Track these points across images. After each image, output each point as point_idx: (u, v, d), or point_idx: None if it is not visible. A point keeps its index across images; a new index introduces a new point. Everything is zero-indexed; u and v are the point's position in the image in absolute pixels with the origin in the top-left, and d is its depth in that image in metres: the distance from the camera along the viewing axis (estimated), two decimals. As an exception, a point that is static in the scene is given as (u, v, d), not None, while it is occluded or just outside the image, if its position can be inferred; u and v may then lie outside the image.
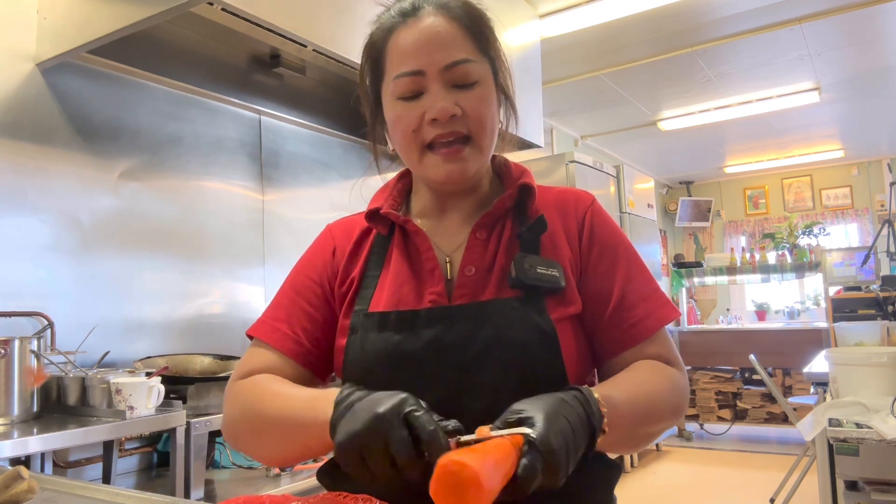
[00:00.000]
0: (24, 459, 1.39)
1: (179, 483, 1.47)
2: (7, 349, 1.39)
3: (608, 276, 0.85)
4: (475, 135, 0.82)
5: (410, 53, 0.81)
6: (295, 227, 2.36)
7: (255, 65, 2.14)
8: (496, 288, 0.81)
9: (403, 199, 0.94)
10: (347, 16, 1.72)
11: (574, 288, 0.83)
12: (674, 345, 0.87)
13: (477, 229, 0.85)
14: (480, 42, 0.84)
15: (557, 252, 0.84)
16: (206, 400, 1.58)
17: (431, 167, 0.83)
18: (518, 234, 0.85)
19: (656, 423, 0.80)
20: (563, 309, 0.80)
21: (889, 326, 2.67)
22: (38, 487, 0.75)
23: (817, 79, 4.54)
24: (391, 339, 0.79)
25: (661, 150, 6.45)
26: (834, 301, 4.73)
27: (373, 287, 0.86)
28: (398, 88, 0.82)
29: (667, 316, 0.85)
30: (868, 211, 7.07)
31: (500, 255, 0.83)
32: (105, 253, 1.76)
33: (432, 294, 0.81)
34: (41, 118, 1.66)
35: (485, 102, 0.82)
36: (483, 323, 0.78)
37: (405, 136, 0.83)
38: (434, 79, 0.80)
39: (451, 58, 0.80)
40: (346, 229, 0.95)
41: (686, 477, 4.30)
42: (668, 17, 3.45)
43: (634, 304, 0.84)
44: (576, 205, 0.89)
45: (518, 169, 0.92)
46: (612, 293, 0.84)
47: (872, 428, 1.55)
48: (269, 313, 0.91)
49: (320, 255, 0.93)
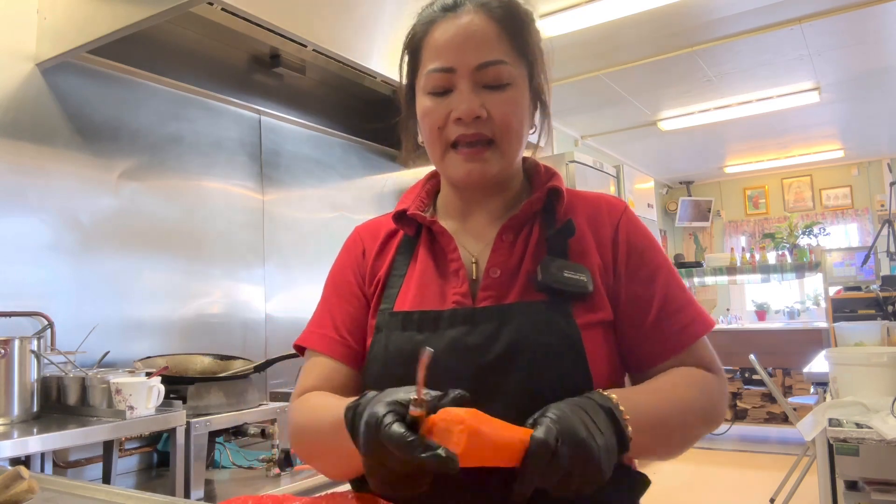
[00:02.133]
0: (24, 459, 1.39)
1: (179, 483, 1.47)
2: (7, 349, 1.39)
3: (648, 283, 0.83)
4: (499, 139, 0.81)
5: (444, 50, 0.81)
6: (295, 227, 2.36)
7: (255, 65, 2.14)
8: (521, 291, 0.80)
9: (431, 199, 0.94)
10: (347, 16, 1.72)
11: (602, 294, 0.81)
12: (714, 352, 0.85)
13: (503, 232, 0.84)
14: (518, 43, 0.83)
15: (586, 257, 0.83)
16: (206, 400, 1.58)
17: (452, 166, 0.83)
18: (546, 237, 0.84)
19: (685, 428, 0.78)
20: (590, 314, 0.79)
21: (889, 326, 2.67)
22: (38, 487, 0.75)
23: (817, 79, 4.54)
24: (414, 339, 0.79)
25: (661, 150, 6.45)
26: (834, 301, 4.73)
27: (398, 287, 0.86)
28: (429, 83, 0.82)
29: (708, 324, 0.84)
30: (868, 211, 7.07)
31: (526, 258, 0.83)
32: (105, 253, 1.76)
33: (456, 295, 0.81)
34: (41, 118, 1.66)
35: (513, 105, 0.82)
36: (506, 325, 0.77)
37: (431, 133, 0.83)
38: (464, 77, 0.80)
39: (483, 58, 0.80)
40: (372, 231, 0.95)
41: (686, 477, 4.30)
42: (668, 17, 3.45)
43: (676, 312, 0.82)
44: (609, 211, 0.88)
45: (548, 172, 0.91)
46: (654, 300, 0.82)
47: (872, 428, 1.55)
48: (314, 322, 0.92)
49: (352, 257, 0.94)
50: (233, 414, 1.61)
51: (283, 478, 1.62)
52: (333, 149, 2.54)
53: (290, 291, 2.31)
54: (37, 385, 1.45)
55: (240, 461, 1.76)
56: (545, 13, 3.24)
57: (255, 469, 1.72)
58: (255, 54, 2.11)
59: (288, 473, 1.64)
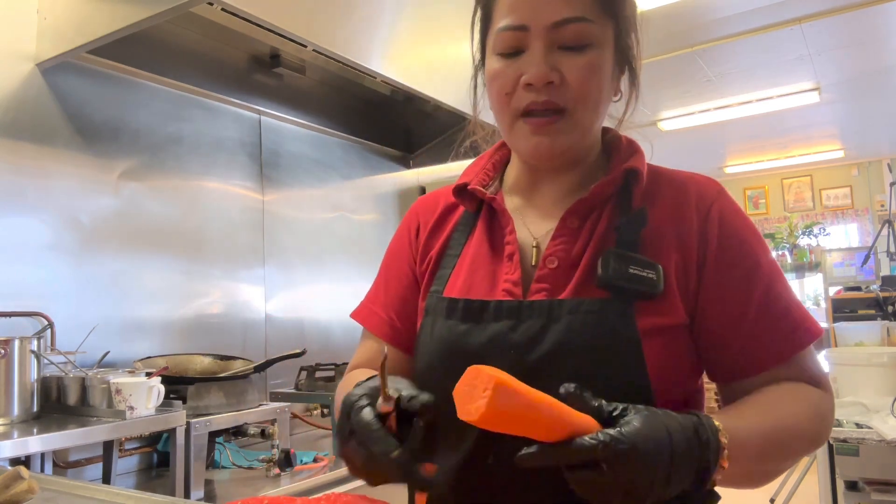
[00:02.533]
0: (24, 459, 1.39)
1: (179, 483, 1.47)
2: (7, 349, 1.39)
3: (745, 281, 0.72)
4: (572, 108, 0.72)
5: (518, 5, 0.71)
6: (295, 227, 2.36)
7: (255, 65, 2.14)
8: (578, 286, 0.71)
9: (499, 171, 0.86)
10: (347, 16, 1.72)
11: (676, 295, 0.70)
12: (820, 363, 0.75)
13: (568, 216, 0.75)
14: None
15: (661, 251, 0.72)
16: (206, 400, 1.58)
17: (520, 137, 0.74)
18: (615, 226, 0.73)
19: (789, 459, 0.69)
20: (655, 318, 0.69)
21: (889, 326, 2.67)
22: (38, 487, 0.75)
23: (817, 79, 4.54)
24: (456, 329, 0.73)
25: (661, 150, 6.43)
26: (834, 301, 4.73)
27: (451, 267, 0.80)
28: (499, 43, 0.73)
29: (815, 330, 0.72)
30: (868, 211, 7.07)
31: (590, 248, 0.73)
32: (105, 253, 1.76)
33: (507, 282, 0.74)
34: (41, 118, 1.66)
35: (593, 70, 0.71)
36: (554, 323, 0.68)
37: (499, 99, 0.75)
38: (538, 36, 0.70)
39: (560, 14, 0.69)
40: (430, 204, 0.89)
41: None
42: (668, 17, 3.45)
43: (780, 316, 0.71)
44: (699, 196, 0.75)
45: (630, 147, 0.80)
46: (752, 301, 0.71)
47: (872, 428, 1.55)
48: (369, 296, 0.91)
49: (406, 233, 0.89)
50: (233, 414, 1.61)
51: (283, 478, 1.62)
52: (333, 149, 2.54)
53: (290, 291, 2.31)
54: (37, 385, 1.45)
55: (240, 461, 1.76)
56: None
57: (255, 469, 1.72)
58: (255, 54, 2.10)
59: (288, 473, 1.64)
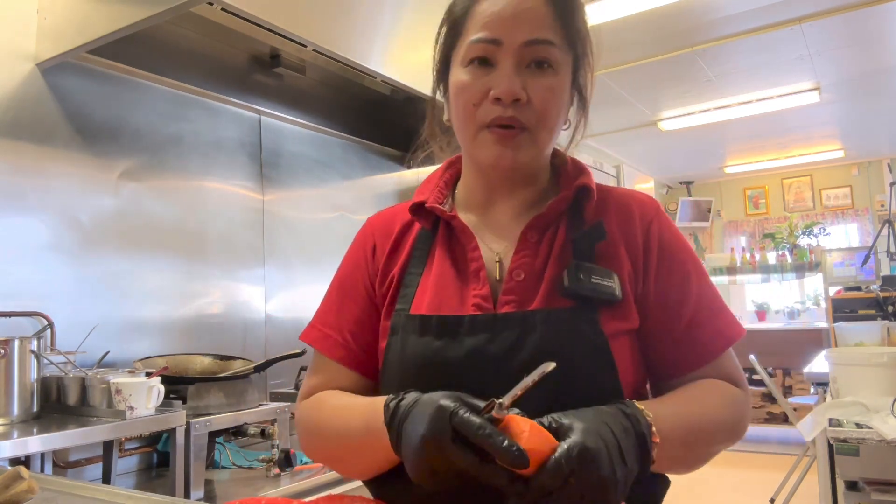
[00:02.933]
0: (24, 459, 1.39)
1: (179, 483, 1.47)
2: (7, 349, 1.38)
3: (680, 289, 0.79)
4: (533, 127, 0.77)
5: (493, 20, 0.76)
6: (295, 227, 2.36)
7: (255, 65, 2.14)
8: (546, 297, 0.75)
9: (450, 190, 0.89)
10: (347, 16, 1.72)
11: (630, 301, 0.77)
12: (739, 364, 0.82)
13: (528, 231, 0.80)
14: (569, 29, 0.79)
15: (615, 261, 0.78)
16: (206, 400, 1.58)
17: (483, 146, 0.78)
18: (572, 239, 0.79)
19: (711, 444, 0.75)
20: (618, 323, 0.75)
21: (889, 326, 2.67)
22: (38, 487, 0.75)
23: (817, 79, 4.54)
24: (431, 345, 0.75)
25: (661, 150, 6.44)
26: (834, 301, 4.73)
27: (415, 286, 0.82)
28: (470, 52, 0.77)
29: (737, 334, 0.80)
30: (868, 211, 7.07)
31: (551, 260, 0.78)
32: (105, 253, 1.76)
33: (476, 297, 0.77)
34: (41, 118, 1.66)
35: (554, 93, 0.77)
36: (529, 334, 0.72)
37: (465, 110, 0.78)
38: (510, 53, 0.75)
39: (532, 34, 0.75)
40: (385, 223, 0.90)
41: (686, 477, 4.30)
42: (668, 17, 3.45)
43: (706, 321, 0.79)
44: (641, 212, 0.82)
45: (576, 167, 0.86)
46: (685, 308, 0.78)
47: (872, 428, 1.55)
48: (318, 317, 0.89)
49: (361, 253, 0.89)
50: (233, 414, 1.61)
51: (283, 478, 1.61)
52: (333, 149, 2.54)
53: (290, 291, 2.31)
54: (37, 385, 1.45)
55: (240, 461, 1.76)
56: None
57: (255, 469, 1.72)
58: (255, 54, 2.11)
59: (288, 473, 1.64)
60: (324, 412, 0.81)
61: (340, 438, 0.77)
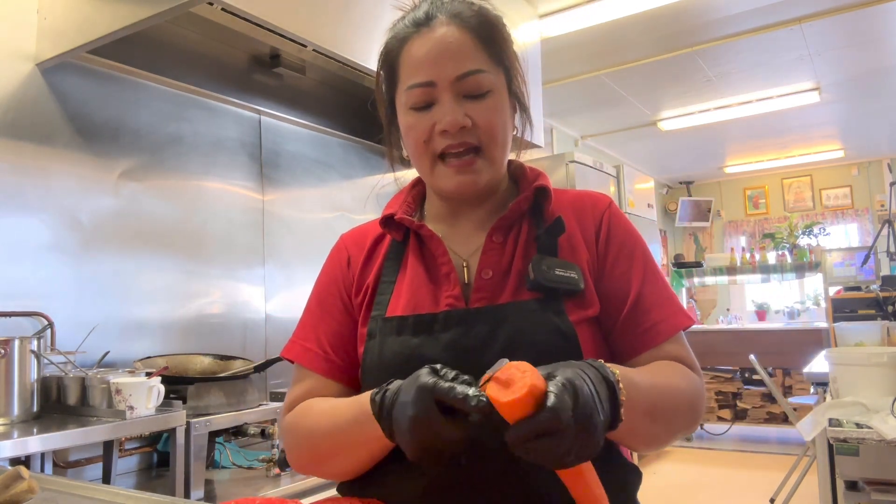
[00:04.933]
0: (24, 459, 1.39)
1: (179, 483, 1.47)
2: (7, 349, 1.39)
3: (625, 278, 0.84)
4: (485, 146, 0.82)
5: (422, 64, 0.81)
6: (295, 227, 2.36)
7: (255, 65, 2.14)
8: (514, 291, 0.81)
9: (418, 205, 0.95)
10: (347, 16, 1.72)
11: (592, 290, 0.82)
12: (691, 350, 0.86)
13: (493, 233, 0.85)
14: (494, 51, 0.84)
15: (575, 254, 0.84)
16: (206, 400, 1.58)
17: (443, 178, 0.83)
18: (535, 236, 0.84)
19: (673, 417, 0.78)
20: (581, 311, 0.80)
21: (889, 326, 2.67)
22: (38, 487, 0.75)
23: (817, 79, 4.54)
24: (409, 343, 0.79)
25: (661, 150, 6.44)
26: (834, 301, 4.73)
27: (389, 293, 0.86)
28: (410, 99, 0.82)
29: (681, 323, 0.84)
30: (868, 211, 7.07)
31: (517, 257, 0.83)
32: (105, 253, 1.76)
33: (449, 298, 0.81)
34: (41, 118, 1.66)
35: (496, 113, 0.82)
36: (501, 326, 0.77)
37: (417, 147, 0.83)
38: (445, 90, 0.80)
39: (462, 69, 0.80)
40: (358, 238, 0.95)
41: (686, 477, 4.30)
42: (668, 17, 3.45)
43: (649, 309, 0.83)
44: (593, 207, 0.89)
45: (533, 172, 0.91)
46: (629, 295, 0.83)
47: (872, 428, 1.55)
48: (298, 333, 0.92)
49: (337, 267, 0.93)
50: (233, 414, 1.61)
51: (282, 478, 1.62)
52: (333, 149, 2.54)
53: (290, 291, 2.31)
54: (37, 385, 1.45)
55: (240, 461, 1.76)
56: (545, 13, 3.24)
57: (255, 469, 1.72)
58: (255, 54, 2.10)
59: (288, 473, 1.64)
60: (312, 417, 0.83)
61: (332, 437, 0.79)
